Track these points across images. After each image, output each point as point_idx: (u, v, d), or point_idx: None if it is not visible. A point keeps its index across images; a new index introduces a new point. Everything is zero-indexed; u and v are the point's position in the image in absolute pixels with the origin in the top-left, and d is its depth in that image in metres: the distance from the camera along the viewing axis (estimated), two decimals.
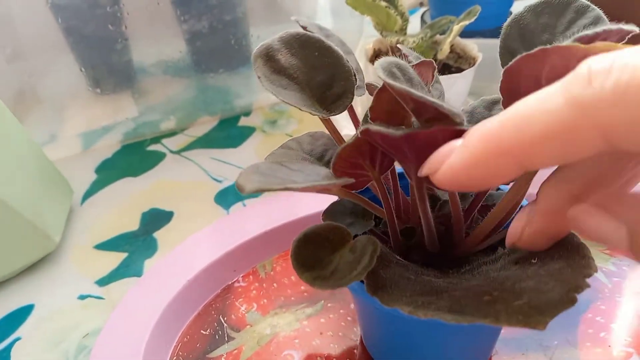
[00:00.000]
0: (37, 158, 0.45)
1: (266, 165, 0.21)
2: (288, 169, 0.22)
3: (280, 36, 0.26)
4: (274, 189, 0.18)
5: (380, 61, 0.20)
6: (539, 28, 0.26)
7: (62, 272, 0.43)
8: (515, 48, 0.26)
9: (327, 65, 0.26)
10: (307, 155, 0.29)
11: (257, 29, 0.61)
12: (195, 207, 0.48)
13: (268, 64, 0.26)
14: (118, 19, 0.53)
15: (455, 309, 0.19)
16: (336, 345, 0.34)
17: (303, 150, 0.30)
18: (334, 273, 0.22)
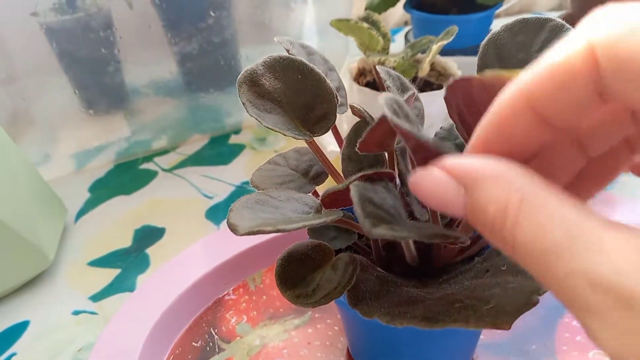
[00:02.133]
0: (32, 177, 0.46)
1: (254, 199, 0.22)
2: (276, 201, 0.23)
3: (264, 60, 0.28)
4: (267, 231, 0.19)
5: (384, 99, 0.19)
6: (515, 47, 0.27)
7: (57, 288, 0.44)
8: (492, 66, 0.27)
9: (309, 87, 0.28)
10: (292, 171, 0.31)
11: (246, 49, 0.63)
12: (187, 223, 0.49)
13: (252, 89, 0.27)
14: (110, 43, 0.55)
15: (428, 317, 0.21)
16: (323, 354, 0.36)
17: (289, 165, 0.31)
18: (315, 291, 0.23)
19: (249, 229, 0.19)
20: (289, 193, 0.25)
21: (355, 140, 0.28)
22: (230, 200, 0.52)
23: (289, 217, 0.21)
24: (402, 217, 0.21)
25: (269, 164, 0.32)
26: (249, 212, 0.21)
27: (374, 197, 0.20)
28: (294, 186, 0.30)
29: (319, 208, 0.23)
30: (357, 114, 0.28)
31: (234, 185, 0.54)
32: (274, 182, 0.30)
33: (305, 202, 0.24)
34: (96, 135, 0.60)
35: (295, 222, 0.20)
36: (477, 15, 0.64)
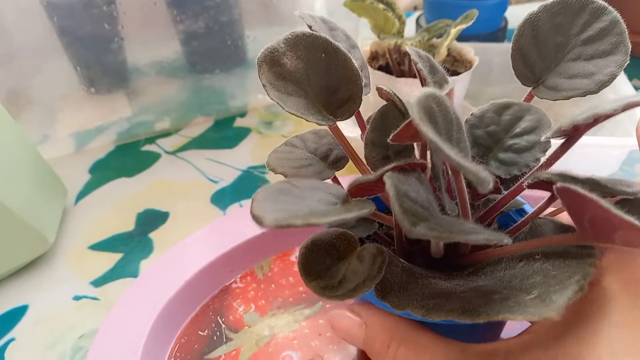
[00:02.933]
0: (32, 157, 0.44)
1: (276, 189, 0.20)
2: (299, 190, 0.21)
3: (286, 37, 0.26)
4: (298, 224, 0.17)
5: (418, 98, 0.17)
6: (553, 29, 0.26)
7: (57, 272, 0.42)
8: (528, 50, 0.26)
9: (333, 68, 0.26)
10: (311, 154, 0.29)
11: (253, 30, 0.61)
12: (191, 207, 0.48)
13: (273, 69, 0.25)
14: (114, 19, 0.52)
15: (467, 309, 0.19)
16: (335, 346, 0.34)
17: (307, 148, 0.30)
18: (342, 283, 0.22)
19: (275, 222, 0.17)
20: (312, 182, 0.23)
21: (381, 125, 0.26)
22: (237, 185, 0.50)
23: (319, 210, 0.20)
24: (436, 212, 0.20)
25: (285, 145, 0.30)
26: (273, 203, 0.19)
27: (409, 190, 0.19)
28: (312, 171, 0.28)
29: (345, 198, 0.22)
30: (386, 98, 0.26)
31: (240, 170, 0.52)
32: (291, 165, 0.28)
33: (331, 192, 0.22)
34: (97, 115, 0.58)
35: (327, 215, 0.18)
36: (492, 0, 0.62)
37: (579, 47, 0.25)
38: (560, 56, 0.26)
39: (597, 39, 0.25)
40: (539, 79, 0.26)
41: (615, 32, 0.25)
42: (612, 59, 0.25)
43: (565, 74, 0.25)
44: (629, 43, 0.25)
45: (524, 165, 0.26)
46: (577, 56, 0.25)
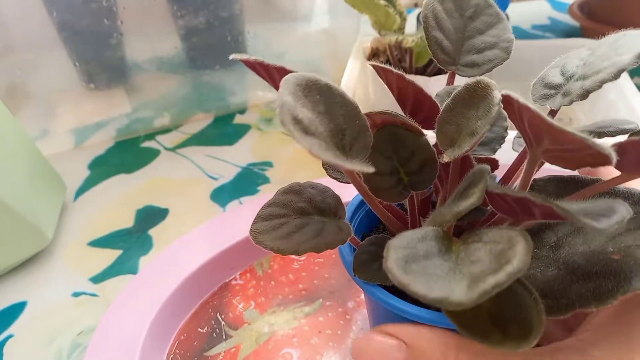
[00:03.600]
0: (30, 153, 0.44)
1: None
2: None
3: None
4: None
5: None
6: (447, 14, 0.27)
7: (55, 269, 0.42)
8: (439, 37, 0.26)
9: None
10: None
11: (254, 26, 0.61)
12: (191, 204, 0.48)
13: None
14: (113, 13, 0.52)
15: (598, 292, 0.18)
16: (335, 344, 0.34)
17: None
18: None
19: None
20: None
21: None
22: (236, 182, 0.50)
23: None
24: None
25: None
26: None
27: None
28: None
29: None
30: (381, 121, 0.24)
31: (239, 167, 0.52)
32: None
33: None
34: (96, 111, 0.58)
35: None
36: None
37: (472, 24, 0.27)
38: (462, 36, 0.27)
39: (479, 14, 0.27)
40: (455, 60, 0.27)
41: (488, 4, 0.27)
42: (500, 27, 0.26)
43: (474, 50, 0.26)
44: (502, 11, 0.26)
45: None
46: (475, 33, 0.27)
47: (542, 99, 0.25)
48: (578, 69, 0.24)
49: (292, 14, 0.63)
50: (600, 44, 0.24)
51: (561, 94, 0.24)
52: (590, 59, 0.24)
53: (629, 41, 0.22)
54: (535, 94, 0.25)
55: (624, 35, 0.23)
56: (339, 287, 0.38)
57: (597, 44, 0.24)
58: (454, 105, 0.22)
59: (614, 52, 0.22)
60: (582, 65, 0.24)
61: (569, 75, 0.25)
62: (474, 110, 0.21)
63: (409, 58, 0.49)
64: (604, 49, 0.23)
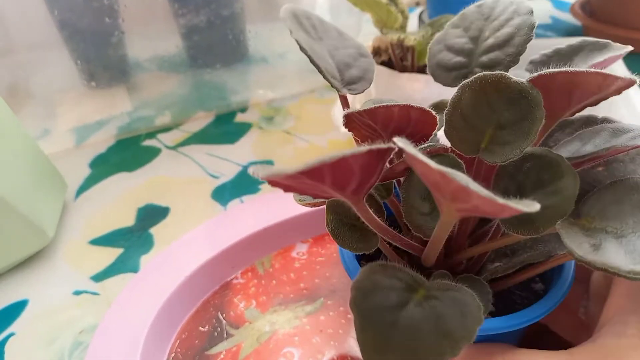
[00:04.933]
0: (32, 151, 0.44)
1: None
2: None
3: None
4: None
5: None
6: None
7: (57, 267, 0.42)
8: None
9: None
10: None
11: (255, 25, 0.61)
12: (192, 203, 0.48)
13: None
14: (114, 12, 0.52)
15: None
16: (336, 342, 0.34)
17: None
18: None
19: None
20: None
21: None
22: (237, 181, 0.50)
23: None
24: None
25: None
26: None
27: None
28: None
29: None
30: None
31: (240, 166, 0.52)
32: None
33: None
34: (97, 110, 0.58)
35: None
36: None
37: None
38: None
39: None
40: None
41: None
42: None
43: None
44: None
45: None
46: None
47: (453, 70, 0.24)
48: (482, 29, 0.24)
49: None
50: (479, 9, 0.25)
51: (476, 62, 0.24)
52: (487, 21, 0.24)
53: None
54: (441, 62, 0.25)
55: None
56: (341, 286, 0.38)
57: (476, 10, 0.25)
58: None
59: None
60: (484, 20, 0.24)
61: (474, 36, 0.24)
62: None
63: (410, 56, 0.49)
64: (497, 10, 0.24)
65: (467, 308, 0.18)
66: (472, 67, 0.24)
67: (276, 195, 0.44)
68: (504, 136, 0.21)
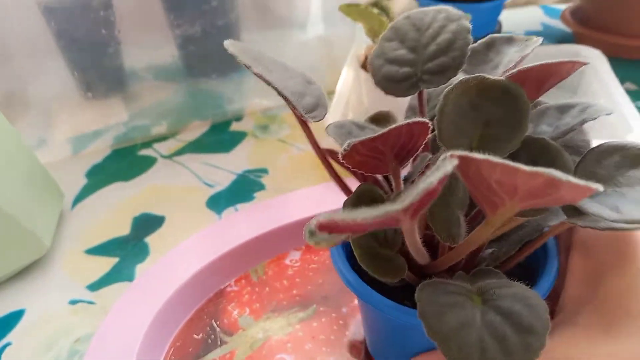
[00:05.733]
0: (28, 161, 0.45)
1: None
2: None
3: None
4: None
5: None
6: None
7: (53, 276, 0.42)
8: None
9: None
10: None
11: (250, 34, 0.61)
12: (187, 212, 0.48)
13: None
14: (111, 23, 0.53)
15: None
16: (329, 349, 0.35)
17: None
18: None
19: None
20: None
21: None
22: (232, 189, 0.51)
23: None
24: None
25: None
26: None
27: None
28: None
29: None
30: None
31: (235, 174, 0.53)
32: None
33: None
34: (93, 120, 0.59)
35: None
36: (486, 4, 0.63)
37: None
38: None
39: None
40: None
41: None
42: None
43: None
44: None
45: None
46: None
47: (402, 81, 0.25)
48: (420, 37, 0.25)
49: (287, 22, 0.64)
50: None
51: (421, 70, 0.25)
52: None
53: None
54: (388, 76, 0.25)
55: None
56: (333, 293, 0.39)
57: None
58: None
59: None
60: (416, 31, 0.26)
61: (412, 46, 0.25)
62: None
63: None
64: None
65: (530, 300, 0.20)
66: (420, 75, 0.25)
67: (270, 203, 0.45)
68: (495, 133, 0.22)
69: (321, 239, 0.18)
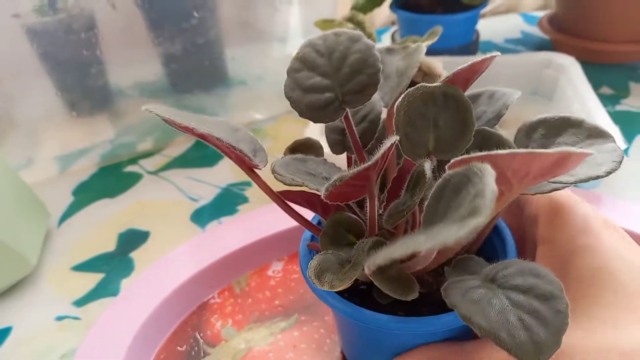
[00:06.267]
0: (13, 182, 0.45)
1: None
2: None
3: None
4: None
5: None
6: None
7: (40, 294, 0.43)
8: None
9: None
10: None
11: (232, 50, 0.63)
12: (172, 226, 0.49)
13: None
14: (93, 44, 0.54)
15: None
16: (310, 357, 0.35)
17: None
18: None
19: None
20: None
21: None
22: (216, 203, 0.51)
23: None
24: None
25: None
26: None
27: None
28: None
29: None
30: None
31: (219, 188, 0.54)
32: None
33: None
34: (80, 138, 0.60)
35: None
36: (463, 15, 0.64)
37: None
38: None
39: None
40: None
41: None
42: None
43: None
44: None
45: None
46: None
47: (327, 106, 0.26)
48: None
49: (268, 36, 0.65)
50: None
51: (339, 94, 0.26)
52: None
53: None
54: (311, 104, 0.26)
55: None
56: (314, 302, 0.39)
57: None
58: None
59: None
60: (321, 57, 0.26)
61: (325, 72, 0.26)
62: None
63: None
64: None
65: (535, 270, 0.21)
66: (342, 97, 0.25)
67: (253, 215, 0.46)
68: (448, 135, 0.24)
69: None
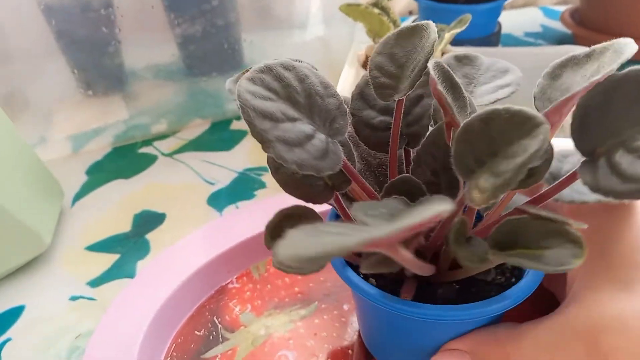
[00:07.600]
0: (28, 159, 0.45)
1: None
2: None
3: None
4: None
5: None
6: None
7: (53, 273, 0.42)
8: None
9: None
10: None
11: (250, 34, 0.62)
12: (188, 209, 0.48)
13: None
14: (111, 22, 0.53)
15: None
16: (330, 346, 0.35)
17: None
18: None
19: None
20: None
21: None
22: (233, 187, 0.51)
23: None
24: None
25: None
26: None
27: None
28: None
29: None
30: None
31: (236, 172, 0.53)
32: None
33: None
34: (94, 118, 0.59)
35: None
36: (486, 5, 0.63)
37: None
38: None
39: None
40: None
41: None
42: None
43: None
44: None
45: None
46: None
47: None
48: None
49: (287, 22, 0.64)
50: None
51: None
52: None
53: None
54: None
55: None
56: (335, 290, 0.39)
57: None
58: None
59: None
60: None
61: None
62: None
63: None
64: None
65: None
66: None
67: (271, 200, 0.45)
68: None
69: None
